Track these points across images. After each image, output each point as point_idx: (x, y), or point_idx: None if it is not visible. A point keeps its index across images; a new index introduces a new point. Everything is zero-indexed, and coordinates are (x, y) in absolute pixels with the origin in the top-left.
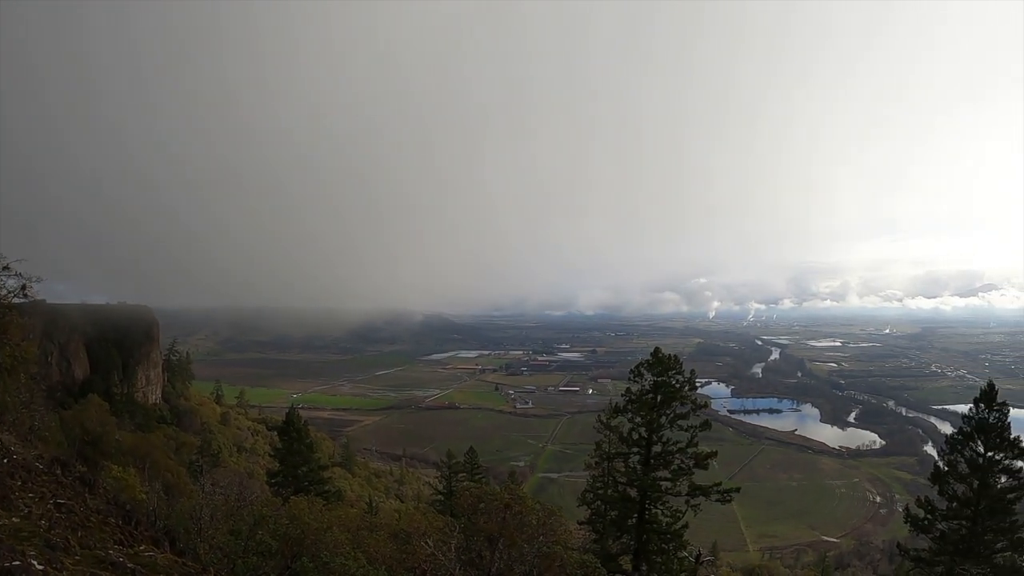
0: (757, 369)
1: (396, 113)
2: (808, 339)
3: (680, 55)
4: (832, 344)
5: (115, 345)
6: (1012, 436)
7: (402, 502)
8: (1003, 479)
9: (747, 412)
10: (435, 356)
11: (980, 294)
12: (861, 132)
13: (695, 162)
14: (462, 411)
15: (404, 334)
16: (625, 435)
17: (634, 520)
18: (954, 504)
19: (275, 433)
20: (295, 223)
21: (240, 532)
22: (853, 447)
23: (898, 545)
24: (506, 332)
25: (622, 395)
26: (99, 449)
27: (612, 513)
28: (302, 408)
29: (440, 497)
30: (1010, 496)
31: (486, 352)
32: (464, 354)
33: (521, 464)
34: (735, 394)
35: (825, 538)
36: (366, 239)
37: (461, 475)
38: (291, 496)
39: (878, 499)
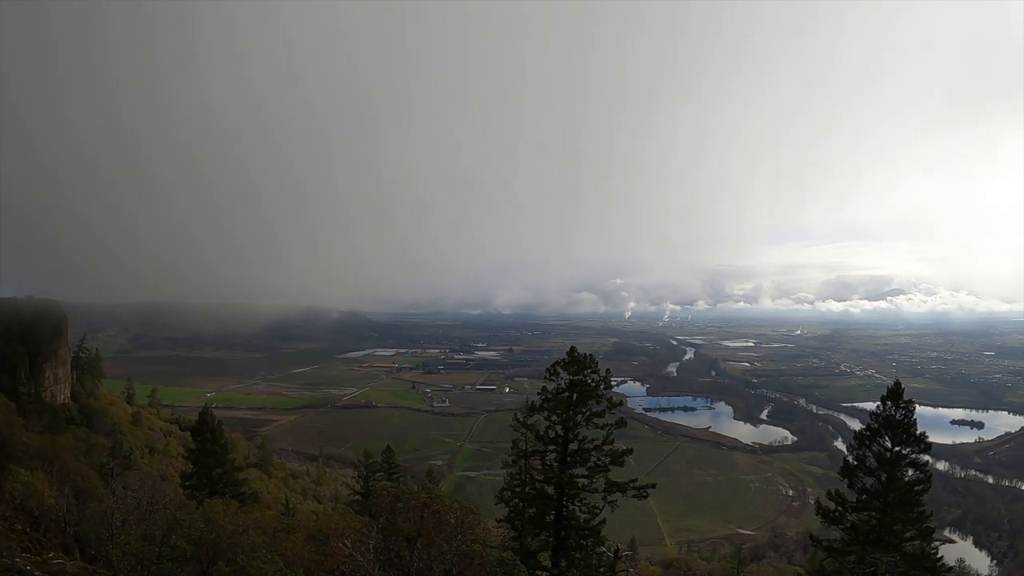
0: (672, 368)
1: (318, 102)
2: (722, 339)
3: (613, 55)
4: (745, 344)
5: (21, 341)
6: (918, 432)
7: (320, 503)
8: (910, 472)
9: (663, 410)
10: (352, 354)
11: (888, 298)
12: (773, 140)
13: (620, 163)
14: (379, 410)
15: (320, 331)
16: (542, 433)
17: (552, 517)
18: (864, 496)
19: (188, 434)
20: (207, 216)
21: (154, 537)
22: (766, 443)
23: (811, 536)
24: (423, 330)
25: (538, 394)
26: (5, 452)
27: (530, 511)
28: (216, 407)
29: (358, 497)
30: (917, 488)
31: (403, 350)
32: (381, 352)
33: (439, 463)
34: (651, 392)
35: (741, 531)
36: (281, 234)
37: (379, 475)
38: (206, 499)
39: (791, 492)
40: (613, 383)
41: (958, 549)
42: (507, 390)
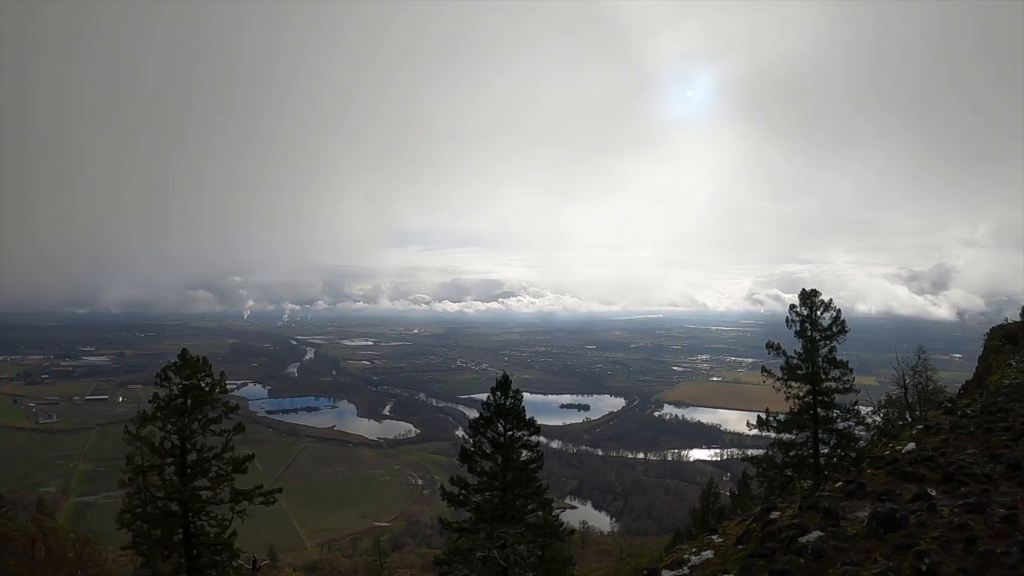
0: (293, 369)
1: None
2: (342, 339)
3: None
4: (365, 343)
5: None
6: (527, 417)
7: None
8: (524, 453)
9: (286, 412)
10: None
11: (500, 300)
12: (396, 152)
13: (232, 152)
14: None
15: None
16: (157, 445)
17: (181, 536)
18: (484, 479)
19: None
20: None
21: None
22: (391, 437)
23: (442, 520)
24: (21, 332)
25: (150, 401)
26: None
27: (156, 532)
28: None
29: None
30: (531, 467)
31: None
32: None
33: (52, 489)
34: (272, 394)
35: (377, 523)
36: None
37: None
38: None
39: (420, 482)
40: (232, 386)
41: (580, 513)
42: (120, 399)
